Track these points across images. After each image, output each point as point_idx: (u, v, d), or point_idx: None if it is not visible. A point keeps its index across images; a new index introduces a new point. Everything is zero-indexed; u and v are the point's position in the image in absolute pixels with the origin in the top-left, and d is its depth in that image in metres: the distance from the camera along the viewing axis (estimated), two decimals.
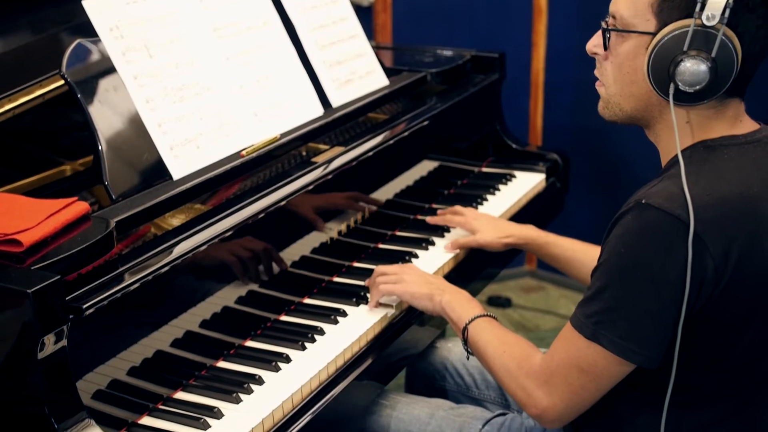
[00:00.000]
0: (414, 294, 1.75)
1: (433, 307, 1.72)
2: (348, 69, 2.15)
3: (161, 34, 1.76)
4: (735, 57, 1.32)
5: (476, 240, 2.01)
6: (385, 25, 3.26)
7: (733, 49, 1.32)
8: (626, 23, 1.40)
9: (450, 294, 1.71)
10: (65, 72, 1.64)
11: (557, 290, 3.64)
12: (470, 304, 1.68)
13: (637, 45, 1.40)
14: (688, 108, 1.39)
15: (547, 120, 3.51)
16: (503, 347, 1.54)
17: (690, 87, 1.34)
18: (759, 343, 1.38)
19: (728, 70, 1.33)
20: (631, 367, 1.37)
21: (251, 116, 1.86)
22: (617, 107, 1.46)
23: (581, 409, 1.44)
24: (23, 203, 1.50)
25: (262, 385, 1.57)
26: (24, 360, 1.30)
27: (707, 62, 1.32)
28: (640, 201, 1.33)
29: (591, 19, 1.48)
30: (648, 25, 1.38)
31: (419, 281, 1.77)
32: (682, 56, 1.33)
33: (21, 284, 1.27)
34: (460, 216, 2.08)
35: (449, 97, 2.33)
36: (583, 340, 1.37)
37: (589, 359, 1.37)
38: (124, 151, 1.66)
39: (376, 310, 1.79)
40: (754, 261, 1.32)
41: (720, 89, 1.35)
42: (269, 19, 1.99)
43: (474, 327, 1.61)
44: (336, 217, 1.96)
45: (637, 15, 1.38)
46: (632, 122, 1.48)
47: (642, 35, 1.38)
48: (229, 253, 1.68)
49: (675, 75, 1.34)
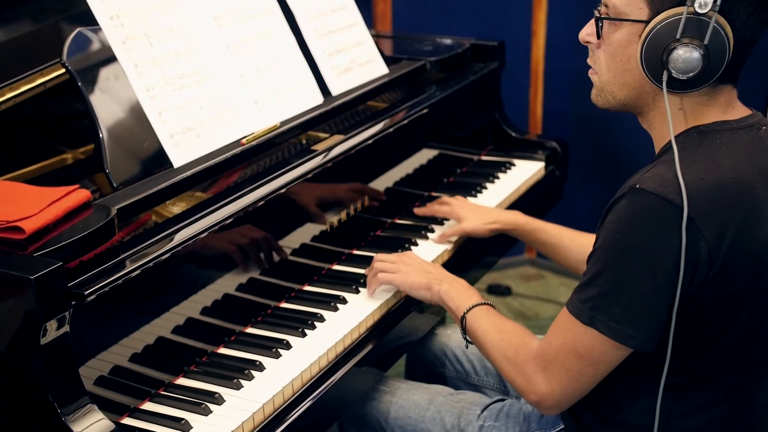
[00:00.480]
0: (412, 284, 1.76)
1: (432, 297, 1.73)
2: (347, 57, 2.16)
3: (161, 23, 1.76)
4: (727, 44, 1.33)
5: (462, 228, 2.02)
6: (384, 13, 3.26)
7: (725, 36, 1.33)
8: (619, 11, 1.41)
9: (448, 283, 1.72)
10: (66, 60, 1.65)
11: (557, 278, 3.65)
12: (468, 293, 1.69)
13: (630, 33, 1.40)
14: (681, 95, 1.40)
15: (547, 108, 3.51)
16: (501, 335, 1.56)
17: (683, 74, 1.34)
18: (752, 326, 1.40)
19: (720, 56, 1.34)
20: (627, 351, 1.38)
21: (251, 104, 1.87)
22: (610, 95, 1.47)
23: (580, 394, 1.45)
24: (25, 191, 1.51)
25: (263, 371, 1.59)
26: (27, 346, 1.31)
27: (700, 49, 1.33)
28: (634, 186, 1.34)
29: (590, 8, 1.49)
30: (641, 14, 1.38)
31: (417, 271, 1.78)
32: (675, 44, 1.34)
33: (23, 271, 1.29)
34: (447, 206, 2.09)
35: (449, 85, 2.33)
36: (580, 326, 1.38)
37: (586, 344, 1.38)
38: (125, 139, 1.67)
39: (376, 296, 1.80)
40: (746, 245, 1.34)
41: (713, 76, 1.36)
42: (269, 8, 2.00)
43: (472, 316, 1.62)
44: (336, 206, 1.96)
45: (629, 3, 1.39)
46: (625, 109, 1.49)
47: (635, 23, 1.39)
48: (230, 240, 1.69)
49: (668, 62, 1.35)
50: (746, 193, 1.35)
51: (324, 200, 1.93)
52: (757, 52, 1.42)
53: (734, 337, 1.39)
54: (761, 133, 1.42)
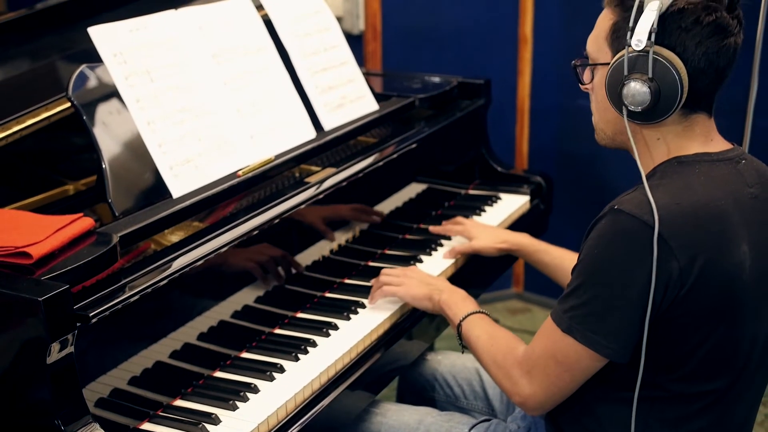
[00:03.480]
0: (415, 296, 1.87)
1: (433, 307, 1.84)
2: (339, 94, 2.23)
3: (162, 60, 1.84)
4: (676, 75, 1.42)
5: (472, 246, 2.14)
6: (374, 52, 3.35)
7: (672, 68, 1.42)
8: (593, 58, 1.55)
9: (447, 293, 1.83)
10: (71, 95, 1.72)
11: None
12: (465, 302, 1.80)
13: (602, 75, 1.52)
14: (655, 126, 1.49)
15: (533, 144, 3.58)
16: (492, 341, 1.66)
17: (639, 106, 1.44)
18: (724, 345, 1.47)
19: (672, 87, 1.43)
20: (602, 360, 1.46)
21: (247, 138, 1.94)
22: (602, 132, 1.59)
23: (561, 397, 1.53)
24: (32, 219, 1.57)
25: (257, 393, 1.64)
26: (33, 365, 1.37)
27: (647, 82, 1.42)
28: (614, 207, 1.44)
29: (574, 48, 1.59)
30: (606, 57, 1.51)
31: (419, 283, 1.88)
32: (625, 80, 1.44)
33: (32, 293, 1.35)
34: (460, 225, 2.21)
35: (437, 121, 2.41)
36: (560, 333, 1.47)
37: (564, 351, 1.47)
38: (127, 170, 1.74)
39: (367, 323, 1.87)
40: (718, 268, 1.41)
41: (672, 105, 1.44)
42: (264, 46, 2.08)
43: (467, 323, 1.73)
44: (327, 237, 2.03)
45: (599, 49, 1.52)
46: (617, 146, 1.59)
47: (604, 66, 1.51)
48: (225, 269, 1.75)
49: (624, 97, 1.45)
50: (720, 219, 1.43)
51: (316, 231, 1.99)
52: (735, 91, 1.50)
53: (706, 355, 1.46)
54: (740, 166, 1.50)
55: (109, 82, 1.76)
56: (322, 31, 2.27)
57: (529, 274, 3.78)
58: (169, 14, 1.91)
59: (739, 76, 1.82)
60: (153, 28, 1.85)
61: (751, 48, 2.27)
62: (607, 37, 1.50)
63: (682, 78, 1.42)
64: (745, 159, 1.52)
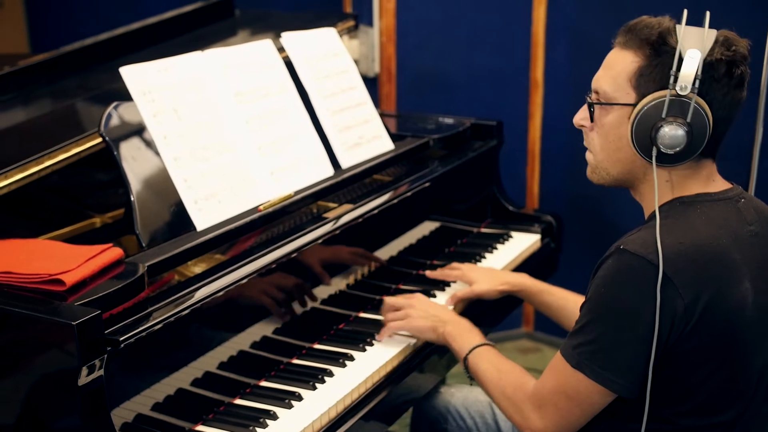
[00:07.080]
0: (419, 329, 1.91)
1: (437, 339, 1.87)
2: (356, 133, 2.30)
3: (189, 99, 1.92)
4: (707, 121, 1.49)
5: (473, 291, 2.14)
6: (389, 94, 3.41)
7: (704, 114, 1.48)
8: (609, 97, 1.56)
9: (452, 325, 1.86)
10: (103, 131, 1.80)
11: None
12: (470, 333, 1.83)
13: (620, 115, 1.55)
14: (669, 168, 1.55)
15: (543, 185, 3.63)
16: (500, 375, 1.69)
17: (671, 149, 1.49)
18: (731, 379, 1.51)
19: (702, 132, 1.49)
20: (611, 395, 1.50)
21: (268, 175, 2.01)
22: (604, 172, 1.62)
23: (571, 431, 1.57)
24: (64, 248, 1.65)
25: (276, 420, 1.69)
26: (64, 387, 1.43)
27: (684, 127, 1.48)
28: (620, 247, 1.49)
29: (584, 93, 1.64)
30: (628, 98, 1.54)
31: (423, 315, 1.92)
32: (662, 122, 1.49)
33: (66, 317, 1.41)
34: (457, 270, 2.22)
35: (450, 161, 2.47)
36: (570, 369, 1.51)
37: (574, 386, 1.51)
38: (154, 203, 1.81)
39: (382, 355, 1.92)
40: (721, 304, 1.46)
41: (696, 150, 1.50)
42: (285, 87, 2.15)
43: (473, 357, 1.76)
44: (343, 272, 2.08)
45: (618, 89, 1.55)
46: (617, 184, 1.63)
47: (624, 107, 1.54)
48: (245, 300, 1.81)
49: (656, 139, 1.49)
50: (722, 257, 1.48)
51: (332, 265, 2.05)
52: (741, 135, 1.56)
53: (713, 389, 1.50)
54: (740, 205, 1.56)
55: (138, 119, 1.84)
56: (340, 73, 2.35)
57: (539, 314, 3.80)
58: (196, 55, 1.99)
59: (745, 120, 1.88)
60: (180, 68, 1.93)
61: (755, 92, 2.33)
62: (631, 79, 1.53)
63: (710, 124, 1.48)
64: (744, 198, 1.58)
